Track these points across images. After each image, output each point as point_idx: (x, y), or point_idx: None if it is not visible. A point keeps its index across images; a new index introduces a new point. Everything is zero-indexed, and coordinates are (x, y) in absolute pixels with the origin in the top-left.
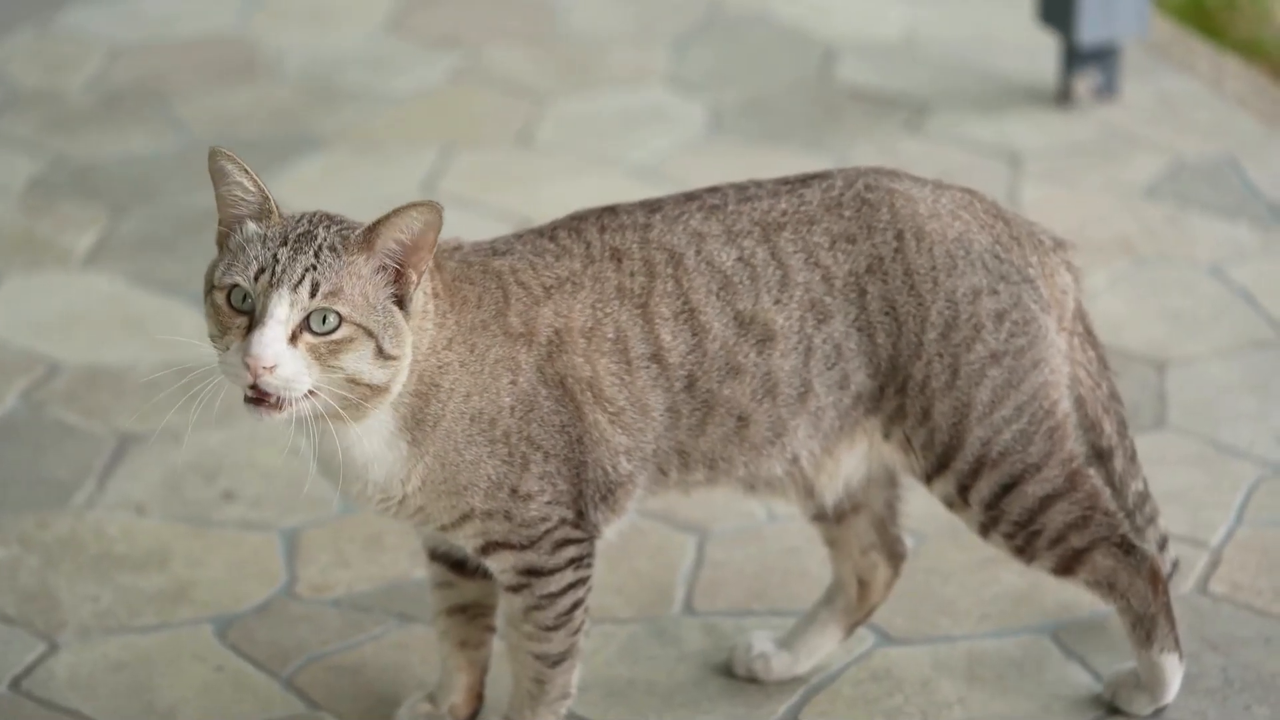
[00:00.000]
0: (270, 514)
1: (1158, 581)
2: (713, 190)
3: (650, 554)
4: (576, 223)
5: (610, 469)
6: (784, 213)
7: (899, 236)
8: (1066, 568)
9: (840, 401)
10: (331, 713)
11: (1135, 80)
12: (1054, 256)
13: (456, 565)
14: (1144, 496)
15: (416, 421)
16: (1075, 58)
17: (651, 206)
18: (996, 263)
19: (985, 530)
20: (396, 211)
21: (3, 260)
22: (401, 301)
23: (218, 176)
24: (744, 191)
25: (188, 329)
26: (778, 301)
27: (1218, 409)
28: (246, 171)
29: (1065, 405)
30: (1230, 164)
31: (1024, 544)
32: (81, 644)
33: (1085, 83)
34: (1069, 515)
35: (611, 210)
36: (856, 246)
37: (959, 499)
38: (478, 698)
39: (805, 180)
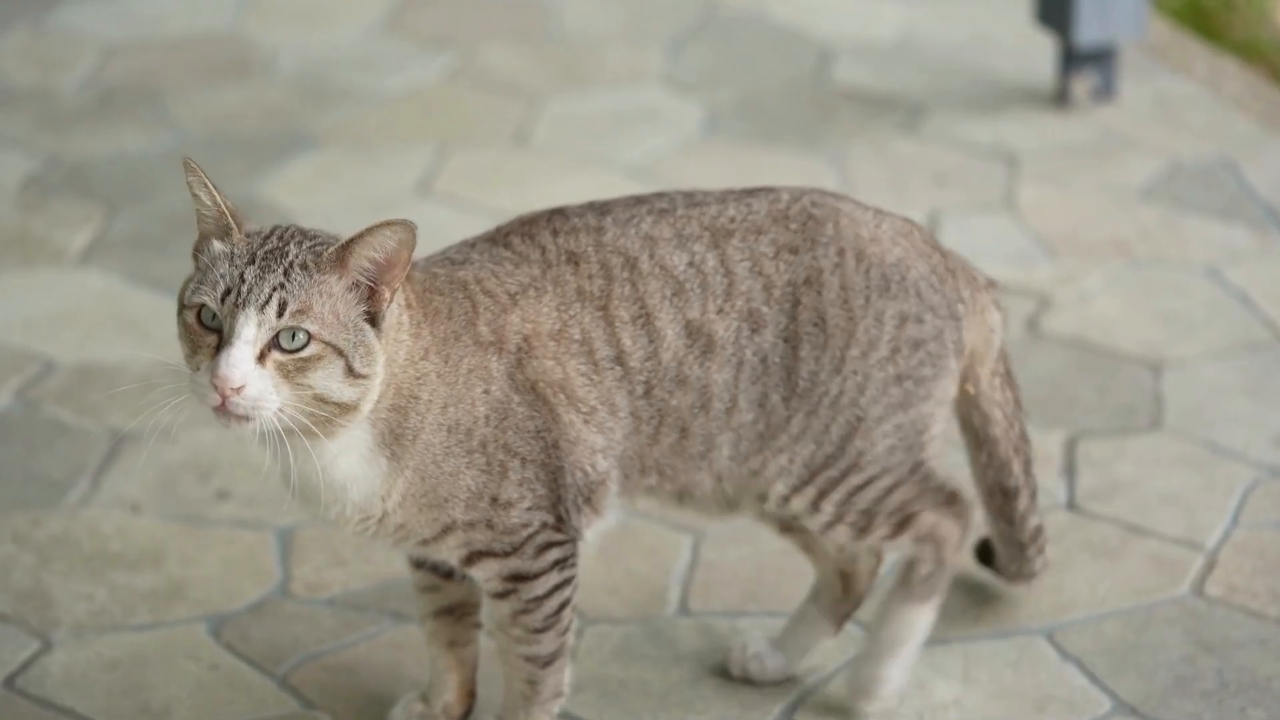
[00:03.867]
0: (265, 513)
1: (967, 530)
2: (660, 195)
3: (645, 554)
4: (527, 227)
5: (590, 469)
6: (732, 219)
7: (840, 253)
8: (896, 532)
9: (755, 423)
10: (326, 712)
11: (1132, 82)
12: (984, 295)
13: (440, 570)
14: (1039, 530)
15: (395, 436)
16: (1072, 59)
17: (601, 209)
18: (930, 292)
19: (829, 526)
20: (370, 230)
21: None
22: (374, 319)
23: (190, 190)
24: (691, 197)
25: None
26: (720, 311)
27: (1213, 411)
28: (206, 187)
29: (936, 431)
30: (1227, 166)
31: (864, 525)
32: (76, 642)
33: (1082, 84)
34: (907, 494)
35: (561, 213)
36: (798, 258)
37: (811, 507)
38: (470, 695)
39: (751, 191)
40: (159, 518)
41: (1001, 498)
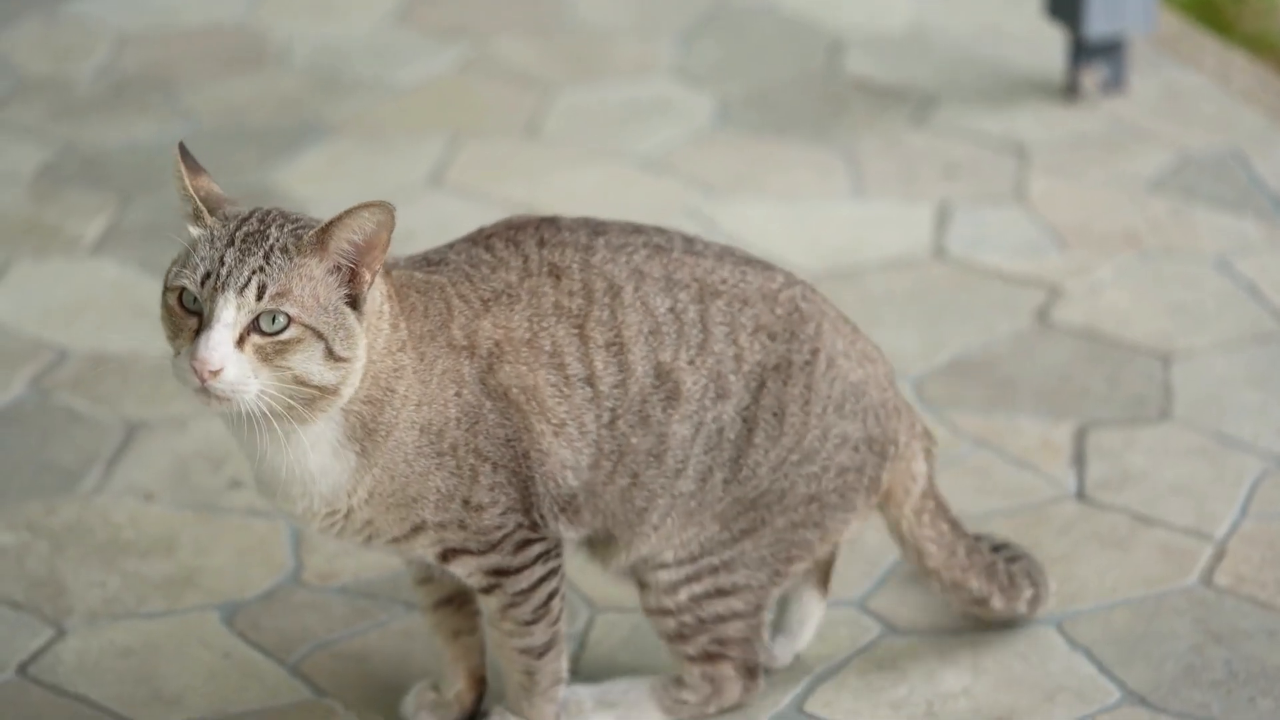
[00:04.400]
0: None
1: (737, 704)
2: (660, 230)
3: None
4: (513, 232)
5: (560, 481)
6: (724, 281)
7: (814, 354)
8: (702, 659)
9: (691, 497)
10: (337, 700)
11: (1142, 74)
12: (918, 443)
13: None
14: (1032, 602)
15: (367, 431)
16: (1082, 51)
17: (595, 228)
18: (874, 424)
19: (663, 616)
20: (348, 212)
21: (11, 247)
22: (355, 302)
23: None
24: (691, 244)
25: None
26: (691, 362)
27: (1223, 402)
28: (180, 175)
29: (800, 568)
30: (1236, 158)
31: (688, 634)
32: (88, 630)
33: (1092, 76)
34: (740, 632)
35: (552, 223)
36: (774, 344)
37: (669, 597)
38: (481, 681)
39: (750, 260)
40: (172, 506)
41: (976, 605)
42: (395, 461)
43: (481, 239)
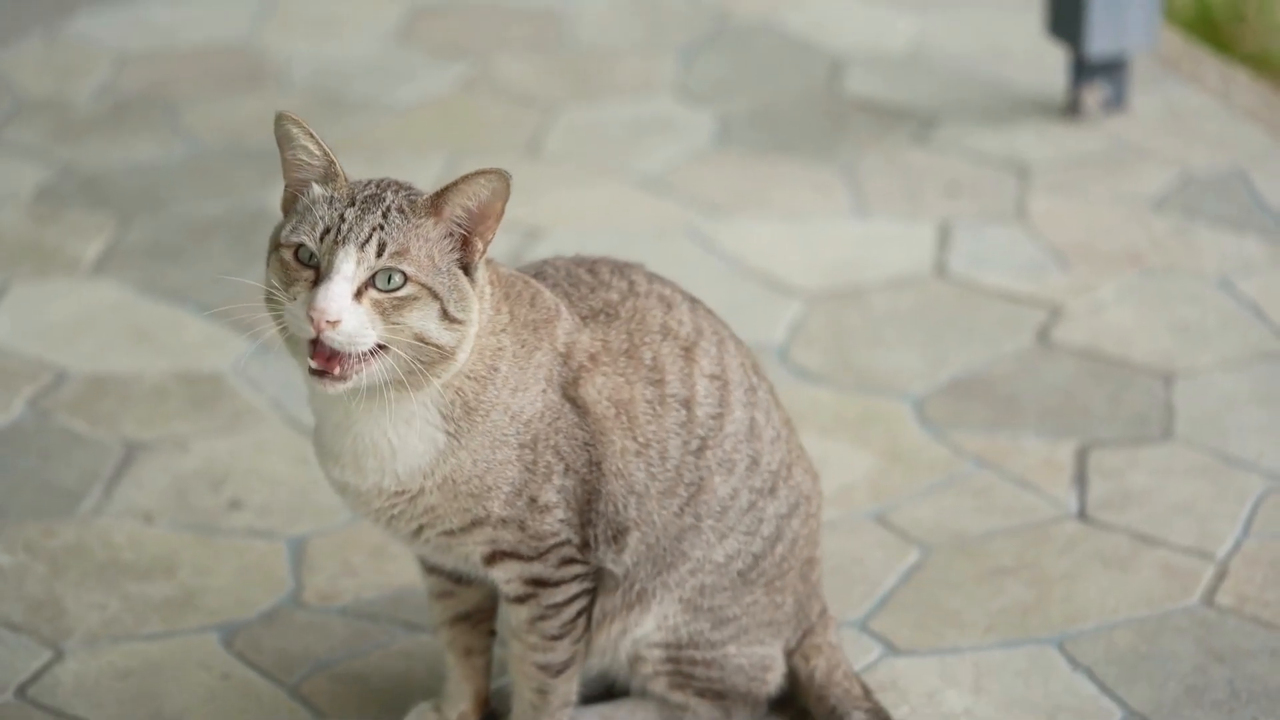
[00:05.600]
0: (277, 522)
1: None
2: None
3: None
4: (620, 264)
5: (621, 508)
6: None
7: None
8: (705, 695)
9: (728, 564)
10: None
11: (1144, 92)
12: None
13: (455, 574)
14: None
15: (467, 410)
16: (1084, 70)
17: (694, 301)
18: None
19: (656, 678)
20: (465, 178)
21: (10, 268)
22: (467, 269)
23: (283, 141)
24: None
25: (194, 337)
26: (772, 443)
27: (1225, 422)
28: (311, 136)
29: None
30: (1238, 176)
31: (682, 685)
32: (88, 652)
33: (1094, 95)
34: (742, 686)
35: (660, 278)
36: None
37: (657, 664)
38: (485, 703)
39: None
40: (171, 527)
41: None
42: (482, 446)
43: (584, 262)
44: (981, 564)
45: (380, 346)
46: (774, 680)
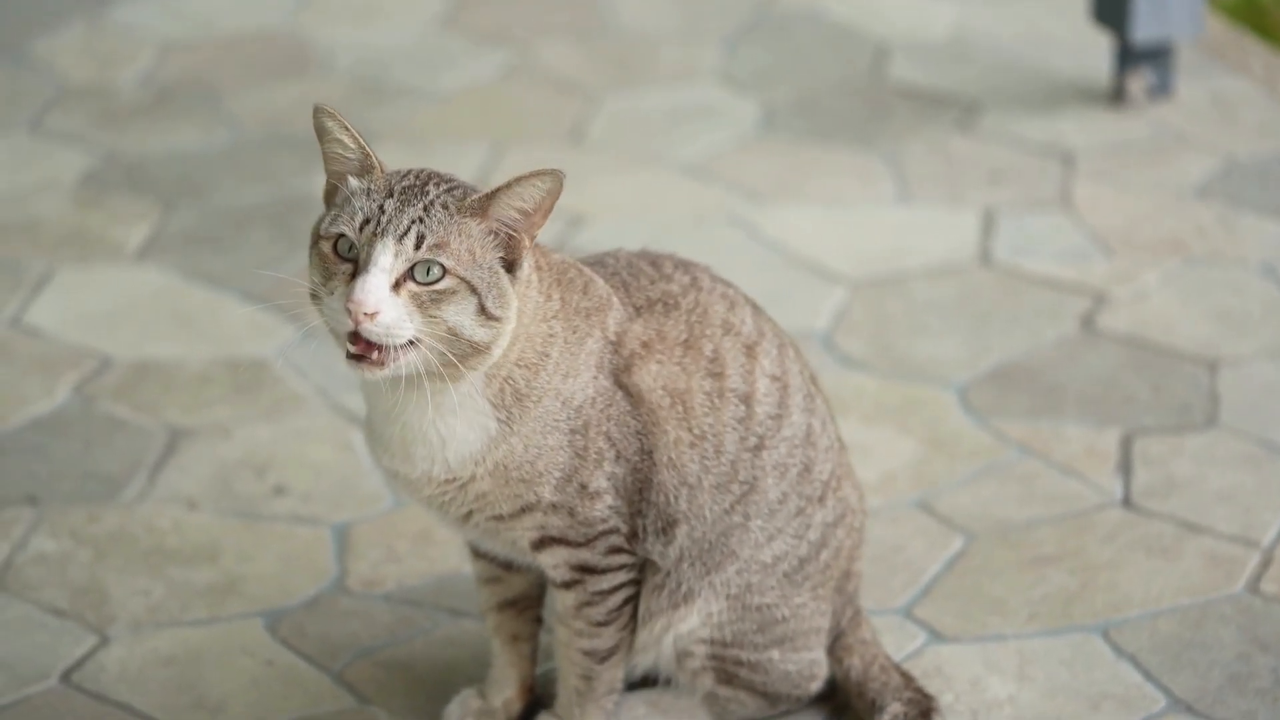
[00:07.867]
0: (321, 509)
1: None
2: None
3: None
4: (688, 263)
5: (672, 499)
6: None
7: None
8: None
9: (775, 564)
10: (381, 708)
11: (1188, 80)
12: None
13: (501, 561)
14: None
15: (517, 397)
16: (1128, 57)
17: (759, 312)
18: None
19: (702, 673)
20: (519, 180)
21: (54, 254)
22: (510, 266)
23: (321, 133)
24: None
25: (237, 323)
26: (825, 454)
27: (1269, 409)
28: (346, 129)
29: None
30: None
31: (726, 681)
32: (132, 638)
33: (1138, 82)
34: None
35: (725, 280)
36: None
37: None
38: (530, 690)
39: None
40: (215, 513)
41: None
42: (534, 432)
43: (646, 256)
44: (1025, 552)
45: (411, 340)
46: (817, 687)
